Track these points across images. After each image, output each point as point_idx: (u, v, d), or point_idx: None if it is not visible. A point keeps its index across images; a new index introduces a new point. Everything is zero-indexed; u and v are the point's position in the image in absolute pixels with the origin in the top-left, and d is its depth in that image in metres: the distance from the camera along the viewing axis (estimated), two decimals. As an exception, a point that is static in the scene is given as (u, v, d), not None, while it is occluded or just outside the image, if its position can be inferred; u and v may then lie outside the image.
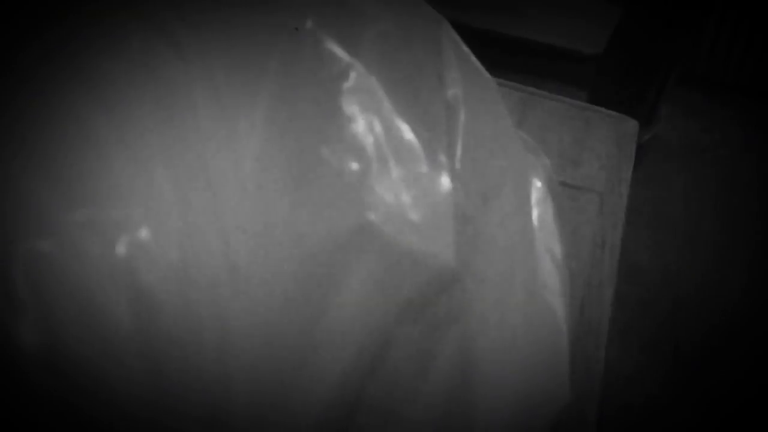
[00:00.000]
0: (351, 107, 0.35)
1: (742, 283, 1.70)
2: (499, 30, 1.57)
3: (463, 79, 0.42)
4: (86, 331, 0.27)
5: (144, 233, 0.29)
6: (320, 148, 0.34)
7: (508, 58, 1.53)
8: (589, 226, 0.64)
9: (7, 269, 0.26)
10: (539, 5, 1.57)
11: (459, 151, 0.40)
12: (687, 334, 1.59)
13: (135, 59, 0.32)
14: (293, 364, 0.33)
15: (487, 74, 0.44)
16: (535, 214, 0.42)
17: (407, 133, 0.37)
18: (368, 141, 0.35)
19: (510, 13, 1.56)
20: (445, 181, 0.37)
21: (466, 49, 0.44)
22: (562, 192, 0.67)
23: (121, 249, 0.28)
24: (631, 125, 0.74)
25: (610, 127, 0.74)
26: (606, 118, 0.74)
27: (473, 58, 0.44)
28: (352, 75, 0.36)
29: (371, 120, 0.36)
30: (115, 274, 0.28)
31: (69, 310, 0.26)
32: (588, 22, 1.52)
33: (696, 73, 1.97)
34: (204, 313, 0.30)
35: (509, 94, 0.75)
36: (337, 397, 0.33)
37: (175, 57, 0.33)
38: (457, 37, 0.44)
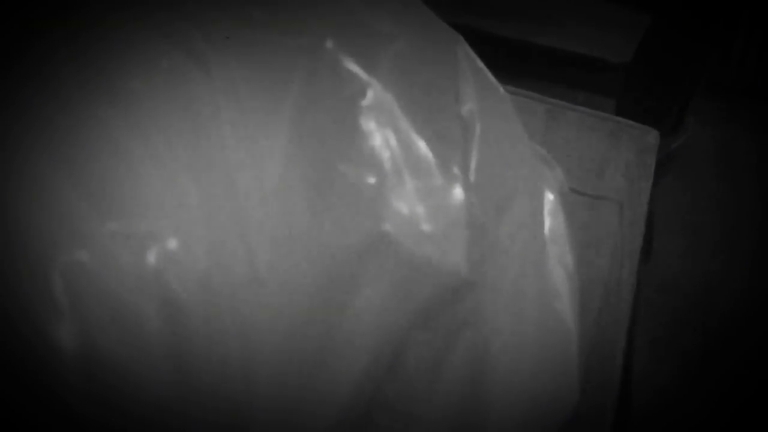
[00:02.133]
0: (369, 124, 0.37)
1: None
2: (527, 39, 1.58)
3: (479, 94, 0.44)
4: (119, 335, 0.29)
5: (172, 244, 0.31)
6: (339, 163, 0.36)
7: (537, 67, 1.55)
8: (609, 235, 0.66)
9: (48, 278, 0.28)
10: (567, 14, 1.58)
11: (474, 164, 0.42)
12: (720, 345, 1.59)
13: (164, 79, 0.34)
14: (313, 367, 0.35)
15: (502, 89, 0.46)
16: (547, 224, 0.43)
17: (422, 147, 0.39)
18: (385, 156, 0.37)
19: (538, 22, 1.57)
20: (458, 193, 0.39)
21: (481, 65, 0.46)
22: (583, 202, 0.69)
23: (151, 259, 0.30)
24: (652, 136, 0.75)
25: (632, 138, 0.75)
26: (628, 129, 0.76)
27: (489, 74, 0.46)
28: (370, 93, 0.38)
29: (388, 136, 0.38)
30: (145, 282, 0.30)
31: (103, 316, 0.29)
32: (615, 31, 1.53)
33: (727, 82, 1.98)
34: (228, 319, 0.32)
35: (532, 105, 0.77)
36: (355, 398, 0.35)
37: (202, 76, 0.35)
38: (473, 54, 0.45)
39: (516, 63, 1.38)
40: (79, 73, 0.33)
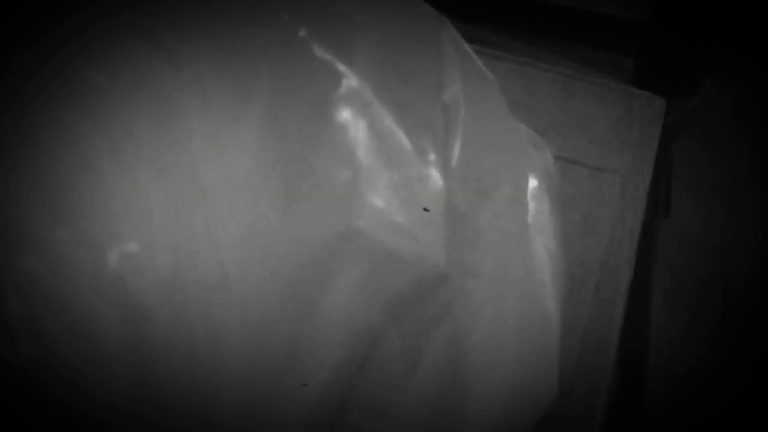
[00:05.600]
0: (343, 115, 0.37)
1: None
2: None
3: (464, 78, 0.43)
4: (76, 344, 0.28)
5: (134, 246, 0.31)
6: (311, 157, 0.36)
7: (555, 28, 1.53)
8: (609, 207, 0.65)
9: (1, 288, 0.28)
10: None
11: (457, 150, 0.41)
12: (737, 307, 1.58)
13: (129, 74, 0.34)
14: (284, 365, 0.35)
15: (487, 72, 0.45)
16: (531, 209, 0.43)
17: (400, 137, 0.38)
18: (359, 148, 0.37)
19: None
20: (436, 182, 0.38)
21: (467, 48, 0.45)
22: (585, 174, 0.68)
23: (110, 262, 0.30)
24: (658, 104, 0.74)
25: (636, 108, 0.74)
26: (632, 98, 0.75)
27: (474, 57, 0.45)
28: (345, 83, 0.37)
29: (363, 127, 0.37)
30: (104, 286, 0.30)
31: (60, 325, 0.28)
32: (633, -12, 1.51)
33: (747, 37, 1.95)
34: (195, 320, 0.32)
35: (536, 74, 0.76)
36: (326, 395, 0.35)
37: (169, 70, 0.35)
38: (458, 36, 0.45)
39: (534, 24, 1.37)
40: (41, 70, 0.32)
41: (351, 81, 0.37)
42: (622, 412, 1.41)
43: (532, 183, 0.43)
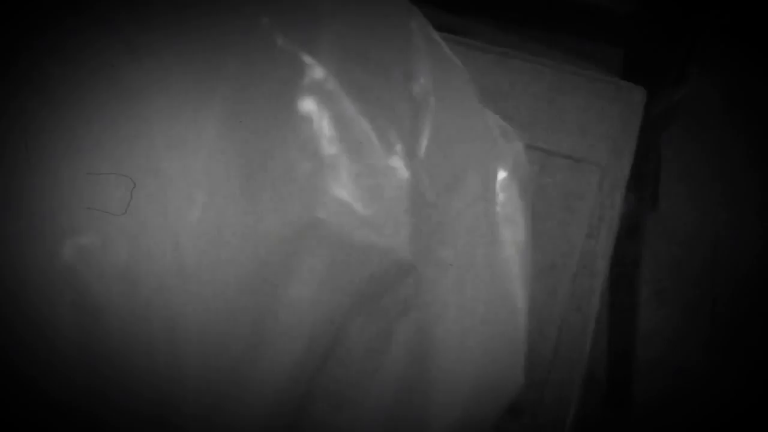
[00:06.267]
0: (306, 106, 0.36)
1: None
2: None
3: (433, 68, 0.43)
4: (29, 338, 0.28)
5: (88, 238, 0.30)
6: (273, 148, 0.35)
7: (539, 15, 1.52)
8: (588, 198, 0.65)
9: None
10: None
11: (424, 141, 0.41)
12: (726, 300, 1.58)
13: (87, 63, 0.33)
14: (245, 358, 0.34)
15: (459, 63, 0.45)
16: (500, 200, 0.42)
17: (365, 128, 0.38)
18: (323, 139, 0.36)
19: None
20: (401, 173, 0.38)
21: (437, 37, 0.44)
22: (565, 164, 0.68)
23: (64, 255, 0.30)
24: (638, 95, 0.74)
25: (618, 98, 0.74)
26: (613, 89, 0.74)
27: (444, 47, 0.44)
28: (309, 73, 0.37)
29: (327, 118, 0.37)
30: (58, 279, 0.29)
31: (13, 319, 0.28)
32: (622, -21, 1.50)
33: (736, 29, 1.94)
34: (153, 314, 0.32)
35: (517, 64, 0.76)
36: (288, 388, 0.35)
37: (129, 59, 0.34)
38: (428, 26, 0.44)
39: (524, 13, 1.37)
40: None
41: (315, 71, 0.37)
42: (611, 408, 1.41)
43: (501, 174, 0.43)
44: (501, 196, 0.43)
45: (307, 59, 0.37)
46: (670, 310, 1.57)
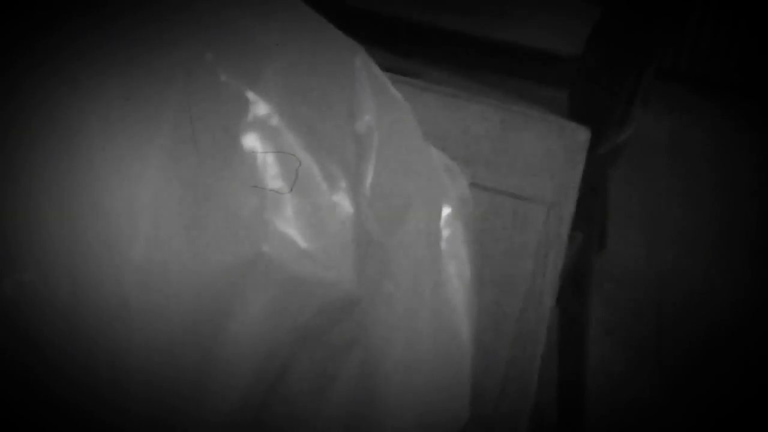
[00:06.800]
0: (250, 142, 0.37)
1: (734, 284, 1.70)
2: (482, 34, 1.58)
3: (378, 106, 0.43)
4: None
5: (29, 274, 0.30)
6: (217, 183, 0.35)
7: (492, 60, 1.54)
8: (533, 236, 0.65)
9: None
10: (518, 6, 1.58)
11: (369, 177, 0.41)
12: (673, 338, 1.60)
13: (28, 99, 0.33)
14: (191, 392, 0.34)
15: (403, 101, 0.45)
16: (444, 236, 0.43)
17: (309, 164, 0.38)
18: (266, 174, 0.36)
19: (488, 15, 1.57)
20: (346, 209, 0.38)
21: (381, 76, 0.45)
22: (510, 203, 0.68)
23: (4, 292, 0.29)
24: (582, 134, 0.75)
25: (562, 137, 0.75)
26: (558, 129, 0.75)
27: (389, 86, 0.45)
28: (252, 109, 0.37)
29: (271, 154, 0.37)
30: (-2, 315, 0.29)
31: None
32: (567, 22, 1.53)
33: (680, 69, 1.98)
34: (96, 348, 0.32)
35: (463, 104, 0.76)
36: (232, 424, 0.35)
37: (71, 95, 0.34)
38: (373, 65, 0.45)
39: (473, 57, 1.38)
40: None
41: (259, 107, 0.37)
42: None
43: (446, 210, 0.43)
44: (445, 232, 0.43)
45: (251, 95, 0.37)
46: (618, 347, 1.58)
